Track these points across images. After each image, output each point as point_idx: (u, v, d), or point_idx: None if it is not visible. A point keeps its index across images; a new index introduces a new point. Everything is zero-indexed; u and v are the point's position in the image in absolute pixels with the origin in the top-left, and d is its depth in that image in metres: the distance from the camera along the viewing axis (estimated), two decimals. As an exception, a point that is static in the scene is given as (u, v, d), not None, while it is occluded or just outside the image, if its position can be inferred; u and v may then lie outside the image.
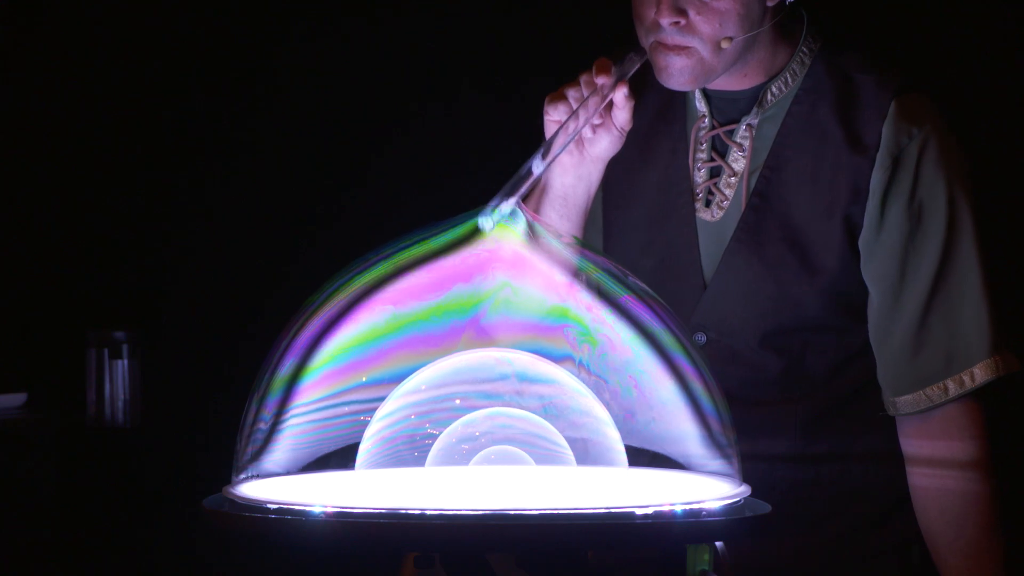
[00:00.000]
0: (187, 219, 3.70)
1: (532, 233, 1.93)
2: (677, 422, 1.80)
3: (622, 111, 2.23)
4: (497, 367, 1.79)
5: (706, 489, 1.72)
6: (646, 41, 2.24)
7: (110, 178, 3.72)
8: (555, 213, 2.31)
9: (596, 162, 2.29)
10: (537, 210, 2.32)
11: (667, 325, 1.83)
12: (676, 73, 2.23)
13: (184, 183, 3.70)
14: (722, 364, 2.27)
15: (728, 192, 2.32)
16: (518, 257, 1.89)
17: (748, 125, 2.32)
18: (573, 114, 2.18)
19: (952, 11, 3.01)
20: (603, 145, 2.27)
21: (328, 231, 3.60)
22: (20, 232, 3.77)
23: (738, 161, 2.32)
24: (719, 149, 2.34)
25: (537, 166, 2.13)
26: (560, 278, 1.89)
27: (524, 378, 1.79)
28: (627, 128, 2.26)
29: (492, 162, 2.66)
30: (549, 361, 1.81)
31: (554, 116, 2.22)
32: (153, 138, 3.70)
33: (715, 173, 2.34)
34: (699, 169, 2.35)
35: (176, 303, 3.70)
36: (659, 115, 2.40)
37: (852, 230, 2.27)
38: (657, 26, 2.21)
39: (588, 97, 2.20)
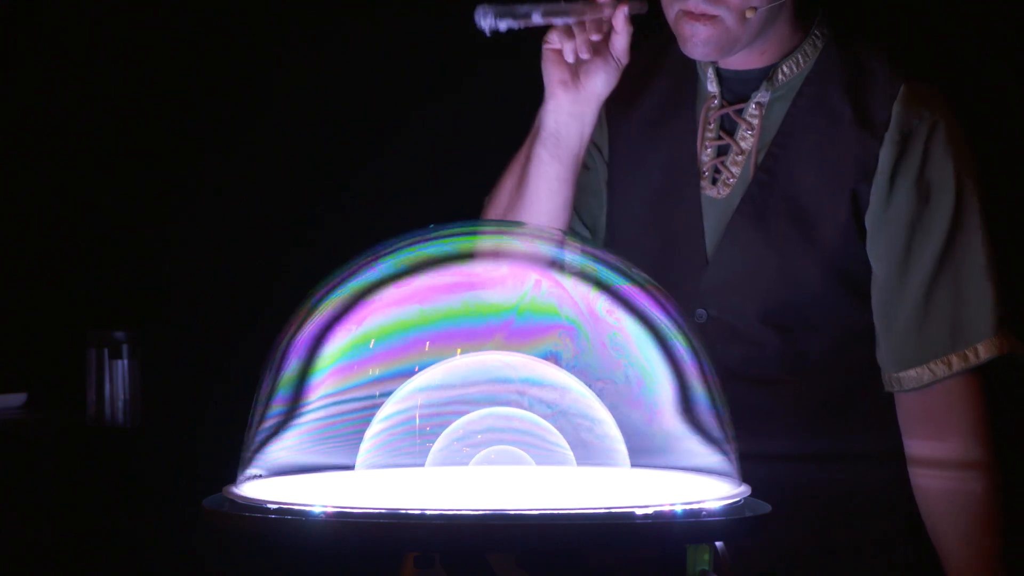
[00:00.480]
0: (187, 219, 3.70)
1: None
2: (678, 421, 1.80)
3: (620, 36, 2.26)
4: (499, 369, 1.79)
5: (706, 489, 1.72)
6: (671, 11, 2.26)
7: (110, 178, 3.72)
8: (547, 153, 2.31)
9: (591, 100, 2.29)
10: (529, 153, 2.33)
11: (673, 319, 1.82)
12: (701, 43, 2.25)
13: (184, 183, 3.70)
14: (722, 342, 2.28)
15: (735, 170, 2.33)
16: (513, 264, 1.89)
17: (758, 103, 2.34)
18: (563, 15, 2.24)
19: (963, 11, 3.01)
20: (599, 79, 2.28)
21: (328, 231, 3.60)
22: (20, 232, 3.77)
23: (746, 139, 2.33)
24: (728, 128, 2.36)
25: (536, 15, 2.22)
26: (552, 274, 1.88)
27: (526, 380, 1.79)
28: (624, 60, 2.28)
29: (492, 163, 2.66)
30: (551, 364, 1.80)
31: (553, 44, 2.26)
32: (153, 138, 3.70)
33: (723, 152, 2.35)
34: (707, 148, 2.36)
35: (176, 303, 3.70)
36: (670, 99, 2.41)
37: (858, 207, 2.28)
38: None
39: (586, 8, 2.25)
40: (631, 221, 2.41)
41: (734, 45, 2.26)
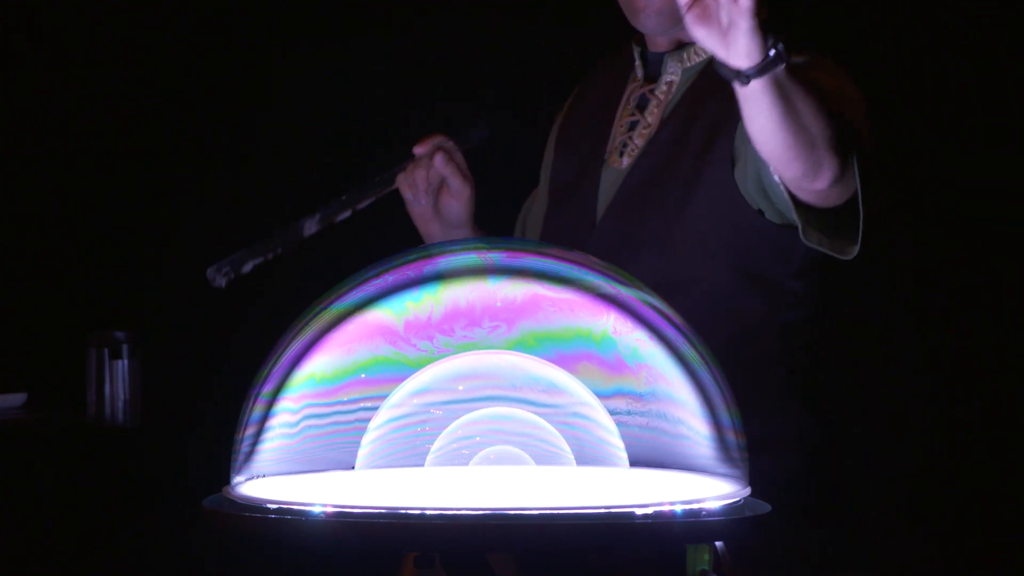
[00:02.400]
0: (188, 220, 3.70)
1: None
2: (678, 421, 1.80)
3: (451, 178, 2.49)
4: (499, 369, 1.79)
5: (706, 489, 1.73)
6: None
7: (110, 178, 3.72)
8: None
9: (455, 222, 2.55)
10: None
11: (682, 332, 1.82)
12: (655, 13, 2.37)
13: (184, 184, 3.70)
14: None
15: (639, 142, 2.43)
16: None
17: (668, 82, 2.44)
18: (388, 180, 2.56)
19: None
20: (452, 207, 2.53)
21: (329, 232, 3.59)
22: (20, 232, 3.77)
23: (653, 114, 2.44)
24: (641, 105, 2.46)
25: (309, 226, 2.38)
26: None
27: (527, 380, 1.79)
28: (463, 192, 2.50)
29: (493, 172, 2.66)
30: (553, 364, 1.80)
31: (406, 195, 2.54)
32: (153, 138, 3.70)
33: (634, 127, 2.45)
34: (622, 125, 2.46)
35: (176, 303, 3.70)
36: (606, 95, 2.51)
37: (730, 169, 2.34)
38: None
39: (410, 169, 2.50)
40: (552, 202, 2.53)
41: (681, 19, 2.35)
